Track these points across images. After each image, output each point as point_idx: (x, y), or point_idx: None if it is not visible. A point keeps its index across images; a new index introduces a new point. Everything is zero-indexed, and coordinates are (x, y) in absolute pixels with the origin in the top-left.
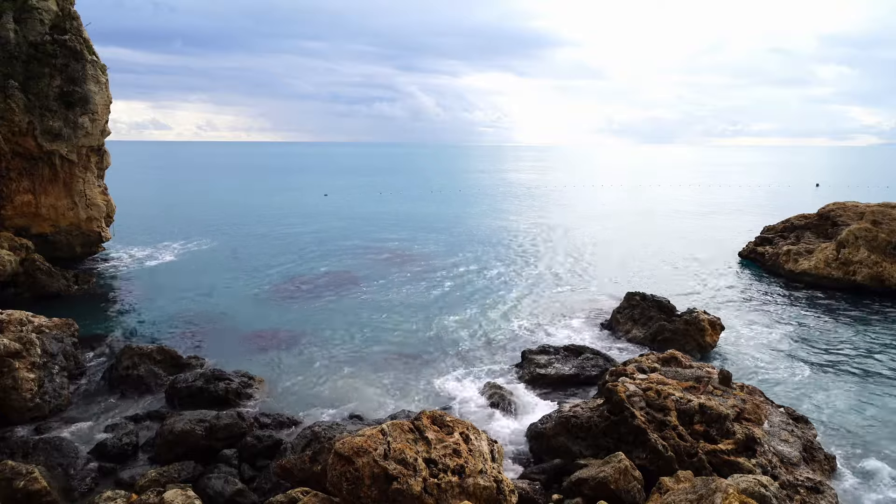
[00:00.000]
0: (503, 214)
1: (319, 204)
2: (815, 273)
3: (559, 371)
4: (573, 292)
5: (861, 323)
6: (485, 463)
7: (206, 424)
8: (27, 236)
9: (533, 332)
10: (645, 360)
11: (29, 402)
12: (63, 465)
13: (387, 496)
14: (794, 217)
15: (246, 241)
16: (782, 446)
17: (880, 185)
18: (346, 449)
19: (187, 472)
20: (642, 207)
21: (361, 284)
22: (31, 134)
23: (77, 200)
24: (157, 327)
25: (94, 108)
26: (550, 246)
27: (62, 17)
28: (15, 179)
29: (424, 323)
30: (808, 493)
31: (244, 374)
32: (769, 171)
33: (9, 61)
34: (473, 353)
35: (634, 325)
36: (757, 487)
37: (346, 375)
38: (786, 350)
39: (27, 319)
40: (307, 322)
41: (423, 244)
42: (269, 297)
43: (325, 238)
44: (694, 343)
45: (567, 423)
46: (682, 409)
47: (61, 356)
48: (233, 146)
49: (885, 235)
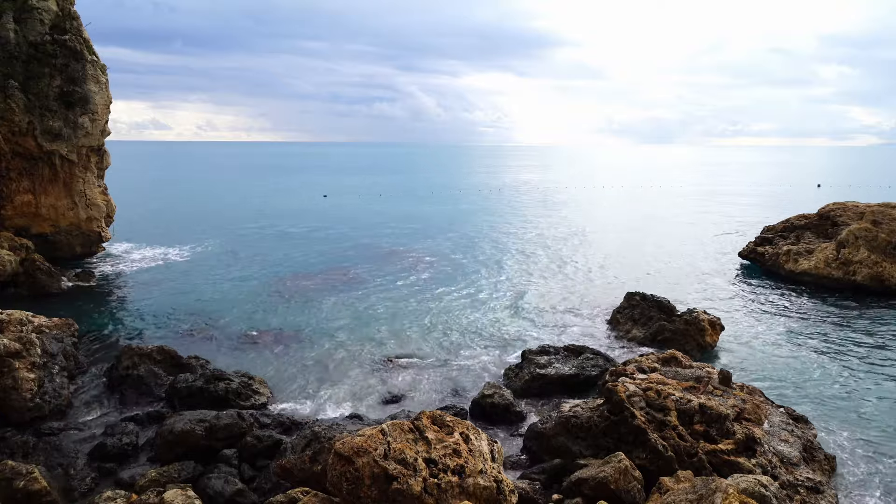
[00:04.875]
0: (503, 215)
1: (319, 204)
2: (815, 273)
3: (559, 371)
4: (573, 292)
5: (861, 323)
6: (485, 463)
7: (206, 424)
8: (27, 236)
9: (533, 332)
10: (645, 360)
11: (29, 402)
12: (63, 465)
13: (387, 496)
14: (794, 217)
15: (246, 241)
16: (782, 446)
17: (880, 185)
18: (346, 449)
19: (187, 472)
20: (642, 208)
21: (361, 284)
22: (31, 134)
23: (77, 200)
24: (157, 327)
25: (94, 108)
26: (550, 246)
27: (62, 17)
28: (15, 179)
29: (424, 323)
30: (808, 493)
31: (244, 374)
32: (769, 171)
33: (9, 61)
34: (473, 352)
35: (634, 325)
36: (757, 487)
37: (346, 375)
38: (786, 350)
39: (27, 319)
40: (307, 322)
41: (422, 244)
42: (269, 297)
43: (324, 238)
44: (694, 343)
45: (567, 423)
46: (682, 409)
47: (61, 356)
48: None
49: (885, 235)
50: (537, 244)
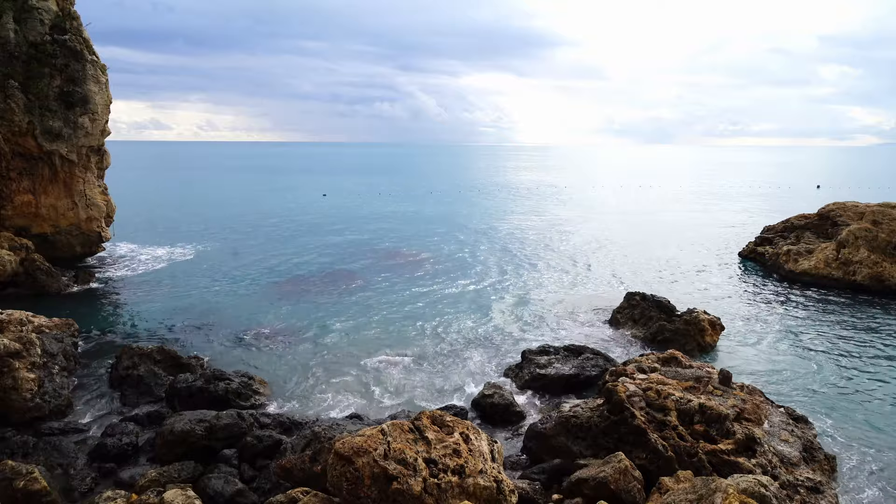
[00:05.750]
0: (503, 215)
1: (318, 204)
2: (815, 273)
3: (559, 371)
4: (573, 292)
5: (861, 323)
6: (485, 463)
7: (206, 424)
8: (27, 236)
9: (533, 332)
10: (645, 360)
11: (29, 402)
12: (63, 465)
13: (387, 496)
14: (795, 217)
15: (246, 241)
16: (782, 446)
17: (880, 185)
18: (346, 449)
19: (187, 472)
20: (642, 207)
21: (361, 284)
22: (31, 134)
23: (77, 200)
24: (157, 327)
25: (94, 108)
26: (550, 246)
27: (62, 17)
28: (15, 179)
29: (424, 323)
30: (808, 493)
31: (244, 374)
32: (769, 171)
33: (9, 61)
34: (473, 352)
35: (634, 325)
36: (757, 487)
37: (347, 375)
38: (786, 350)
39: (27, 319)
40: (307, 322)
41: (422, 244)
42: (269, 297)
43: (324, 238)
44: (694, 343)
45: (567, 423)
46: (682, 409)
47: (61, 356)
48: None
49: (885, 235)
50: (537, 244)
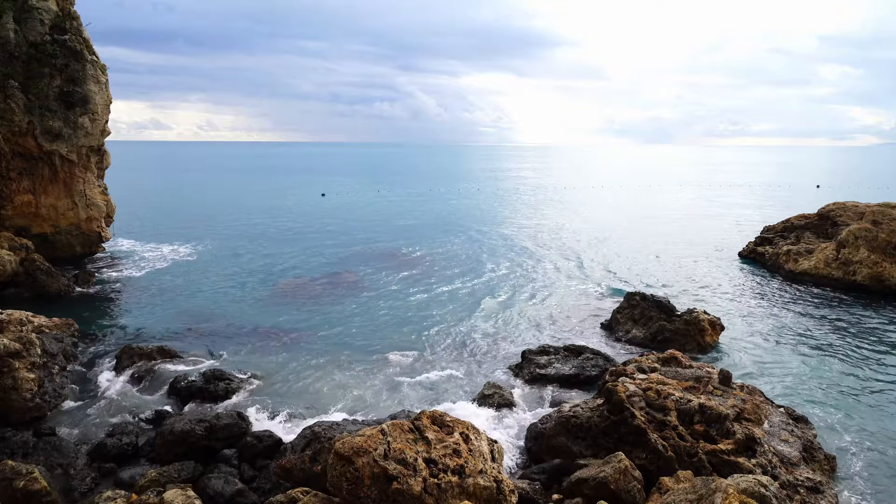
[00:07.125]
0: (503, 215)
1: (318, 203)
2: (815, 273)
3: (559, 371)
4: (573, 292)
5: (861, 323)
6: (485, 463)
7: (206, 424)
8: (27, 236)
9: (533, 332)
10: (645, 360)
11: (29, 402)
12: (63, 465)
13: (387, 496)
14: (794, 217)
15: (245, 241)
16: (782, 446)
17: (880, 185)
18: (346, 449)
19: (187, 472)
20: (642, 208)
21: (360, 284)
22: (31, 134)
23: (77, 200)
24: (157, 327)
25: (94, 108)
26: (550, 246)
27: (62, 17)
28: (15, 179)
29: (424, 323)
30: (808, 493)
31: (244, 374)
32: (769, 171)
33: (9, 61)
34: (473, 352)
35: (634, 325)
36: (757, 487)
37: (347, 375)
38: (786, 350)
39: (27, 319)
40: (307, 322)
41: (422, 244)
42: (268, 296)
43: (323, 237)
44: (694, 343)
45: (567, 423)
46: (682, 409)
47: (61, 356)
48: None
49: (885, 235)
50: (537, 244)
